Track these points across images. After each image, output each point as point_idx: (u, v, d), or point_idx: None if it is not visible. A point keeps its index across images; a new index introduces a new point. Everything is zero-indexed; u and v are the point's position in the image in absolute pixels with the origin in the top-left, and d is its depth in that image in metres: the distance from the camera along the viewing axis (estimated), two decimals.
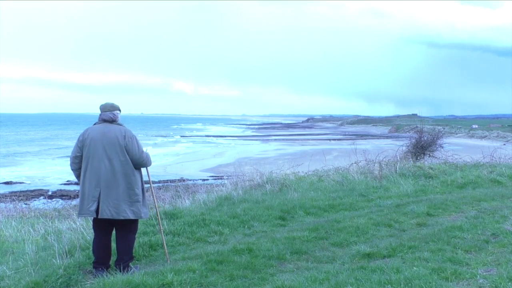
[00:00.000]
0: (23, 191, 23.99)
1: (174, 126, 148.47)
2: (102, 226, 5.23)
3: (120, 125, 5.25)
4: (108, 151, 5.07)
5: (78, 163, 5.20)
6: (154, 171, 31.68)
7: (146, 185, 5.47)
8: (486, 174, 11.51)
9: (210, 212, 7.52)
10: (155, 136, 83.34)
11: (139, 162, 5.18)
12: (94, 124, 5.30)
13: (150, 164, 5.38)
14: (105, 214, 5.04)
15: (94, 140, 5.11)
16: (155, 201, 6.27)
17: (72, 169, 5.27)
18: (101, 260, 5.19)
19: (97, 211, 5.05)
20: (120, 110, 5.35)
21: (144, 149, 5.37)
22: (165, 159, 42.46)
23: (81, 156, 5.16)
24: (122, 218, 5.08)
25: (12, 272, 4.97)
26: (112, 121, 5.23)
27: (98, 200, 5.05)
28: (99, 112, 5.28)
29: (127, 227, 5.26)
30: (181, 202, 8.75)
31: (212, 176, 28.86)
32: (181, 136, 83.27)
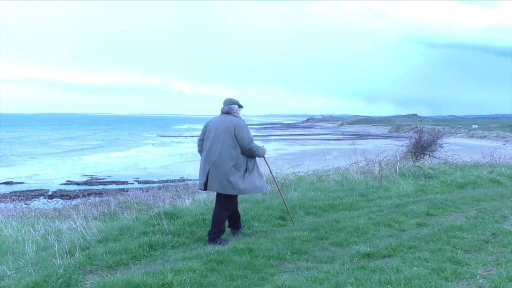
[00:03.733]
0: (23, 191, 23.99)
1: (182, 126, 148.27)
2: (217, 199, 6.36)
3: (236, 117, 6.30)
4: (220, 136, 6.11)
5: (201, 146, 6.37)
6: (155, 171, 31.80)
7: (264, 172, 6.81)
8: (486, 174, 11.52)
9: (210, 212, 7.49)
10: (161, 136, 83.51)
11: (247, 150, 6.13)
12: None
13: (260, 156, 6.37)
14: (212, 188, 6.13)
15: (212, 127, 6.25)
16: (277, 185, 7.64)
17: (198, 151, 6.45)
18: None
19: (206, 185, 6.12)
20: (239, 105, 6.41)
21: (260, 144, 6.52)
22: (167, 159, 42.52)
23: (203, 139, 6.33)
24: (224, 193, 6.10)
25: (12, 272, 4.97)
26: (228, 113, 6.31)
27: (207, 176, 6.10)
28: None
29: (224, 202, 6.23)
30: (181, 202, 8.74)
31: None
32: (188, 136, 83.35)
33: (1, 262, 5.38)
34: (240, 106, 6.44)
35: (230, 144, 6.06)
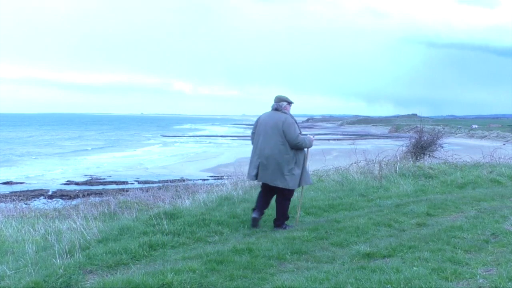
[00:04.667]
0: (23, 191, 24.04)
1: (185, 126, 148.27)
2: (266, 187, 6.82)
3: (285, 113, 6.65)
4: (269, 131, 6.55)
5: (253, 139, 6.85)
6: (155, 171, 31.83)
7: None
8: (486, 174, 11.51)
9: (210, 212, 7.51)
10: (165, 136, 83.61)
11: (294, 144, 6.51)
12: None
13: (309, 146, 6.77)
14: (262, 179, 6.66)
15: (262, 122, 6.72)
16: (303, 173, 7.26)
17: (251, 143, 6.92)
18: (258, 207, 6.81)
19: (256, 176, 6.66)
20: (288, 102, 6.73)
21: (310, 134, 6.87)
22: (171, 159, 42.53)
23: (255, 133, 6.80)
24: (273, 185, 6.60)
25: (12, 272, 4.97)
26: (277, 109, 6.68)
27: (257, 168, 6.61)
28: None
29: (282, 194, 6.78)
30: (181, 202, 8.73)
31: (212, 176, 28.90)
32: (189, 136, 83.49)
33: (1, 262, 5.38)
34: (290, 103, 6.75)
35: (278, 140, 6.48)
